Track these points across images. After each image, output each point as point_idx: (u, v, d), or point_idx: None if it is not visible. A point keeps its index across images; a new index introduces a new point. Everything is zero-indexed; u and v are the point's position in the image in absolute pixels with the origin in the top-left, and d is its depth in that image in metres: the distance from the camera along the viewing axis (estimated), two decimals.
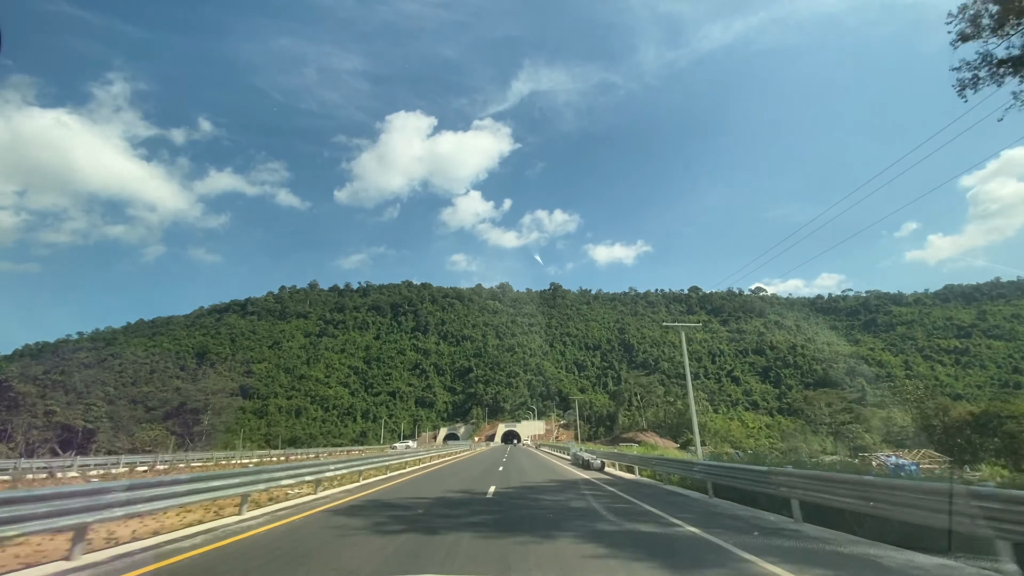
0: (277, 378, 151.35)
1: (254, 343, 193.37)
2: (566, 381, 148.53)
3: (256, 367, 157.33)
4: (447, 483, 18.31)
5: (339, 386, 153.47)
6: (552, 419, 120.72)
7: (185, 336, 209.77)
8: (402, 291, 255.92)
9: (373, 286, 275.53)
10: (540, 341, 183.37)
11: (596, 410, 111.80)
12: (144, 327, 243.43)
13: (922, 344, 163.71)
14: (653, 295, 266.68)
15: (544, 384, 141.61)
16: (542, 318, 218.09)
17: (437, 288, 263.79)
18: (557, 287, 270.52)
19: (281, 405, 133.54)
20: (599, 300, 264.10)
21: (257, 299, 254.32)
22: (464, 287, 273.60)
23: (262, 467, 12.40)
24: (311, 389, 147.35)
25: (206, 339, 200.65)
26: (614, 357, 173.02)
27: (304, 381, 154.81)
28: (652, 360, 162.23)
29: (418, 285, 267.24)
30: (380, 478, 20.62)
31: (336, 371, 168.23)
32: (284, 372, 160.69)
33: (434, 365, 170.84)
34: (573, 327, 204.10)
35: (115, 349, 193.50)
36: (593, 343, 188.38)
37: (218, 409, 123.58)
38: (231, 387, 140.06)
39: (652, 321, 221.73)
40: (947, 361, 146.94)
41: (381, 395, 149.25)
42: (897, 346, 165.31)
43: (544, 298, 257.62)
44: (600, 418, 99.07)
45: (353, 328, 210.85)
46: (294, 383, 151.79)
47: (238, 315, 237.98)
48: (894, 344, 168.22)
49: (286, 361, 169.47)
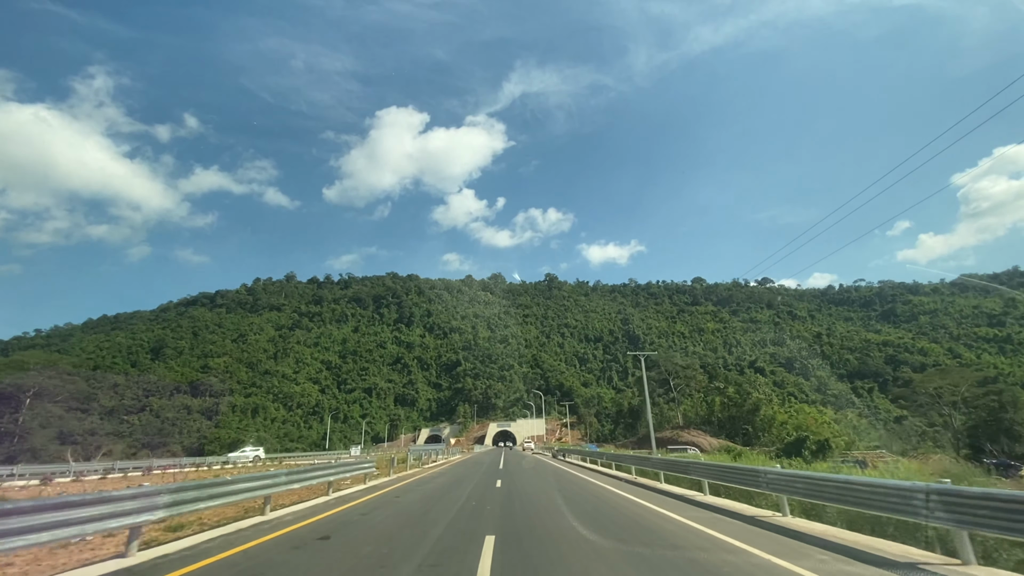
0: (237, 374, 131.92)
1: (218, 336, 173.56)
2: (567, 374, 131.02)
3: (214, 362, 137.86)
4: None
5: (308, 382, 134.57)
6: (553, 416, 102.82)
7: (144, 330, 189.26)
8: (386, 283, 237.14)
9: (355, 278, 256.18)
10: (536, 332, 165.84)
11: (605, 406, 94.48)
12: (106, 323, 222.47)
13: (957, 332, 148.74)
14: (655, 286, 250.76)
15: (543, 377, 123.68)
16: (538, 309, 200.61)
17: (424, 280, 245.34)
18: (553, 278, 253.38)
19: (236, 403, 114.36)
20: (597, 292, 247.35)
21: (228, 292, 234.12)
22: (454, 279, 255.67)
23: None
24: (275, 386, 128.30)
25: (165, 333, 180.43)
26: (618, 350, 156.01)
27: (268, 377, 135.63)
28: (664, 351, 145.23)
29: (404, 277, 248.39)
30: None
31: (307, 366, 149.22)
32: (247, 367, 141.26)
33: (418, 359, 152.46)
34: (571, 318, 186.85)
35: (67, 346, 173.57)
36: (594, 335, 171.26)
37: (157, 409, 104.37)
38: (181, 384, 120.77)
39: (657, 312, 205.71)
40: (991, 349, 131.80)
41: (355, 392, 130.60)
42: (929, 335, 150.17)
43: (539, 289, 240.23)
44: (618, 414, 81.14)
45: (330, 321, 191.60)
46: (256, 379, 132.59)
47: (206, 308, 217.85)
48: (924, 332, 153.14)
49: (250, 355, 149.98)
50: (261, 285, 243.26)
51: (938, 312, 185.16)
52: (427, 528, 8.76)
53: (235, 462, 45.84)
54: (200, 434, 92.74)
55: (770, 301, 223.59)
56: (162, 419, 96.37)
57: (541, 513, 10.51)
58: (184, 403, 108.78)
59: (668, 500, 13.17)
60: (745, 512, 10.56)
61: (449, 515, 10.23)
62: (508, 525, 8.98)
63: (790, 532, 8.44)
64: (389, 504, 12.37)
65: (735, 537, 8.02)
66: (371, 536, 8.11)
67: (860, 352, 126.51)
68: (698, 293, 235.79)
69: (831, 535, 7.96)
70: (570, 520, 9.59)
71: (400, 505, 12.16)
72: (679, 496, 13.86)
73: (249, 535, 8.31)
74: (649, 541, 7.74)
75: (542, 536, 7.97)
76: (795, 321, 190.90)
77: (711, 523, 9.45)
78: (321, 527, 8.99)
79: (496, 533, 8.11)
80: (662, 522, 9.68)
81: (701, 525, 9.18)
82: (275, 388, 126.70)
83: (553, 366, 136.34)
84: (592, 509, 11.39)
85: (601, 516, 10.32)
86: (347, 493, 15.10)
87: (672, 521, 9.74)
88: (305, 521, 9.66)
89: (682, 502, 12.74)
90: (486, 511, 10.78)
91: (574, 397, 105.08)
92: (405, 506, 11.95)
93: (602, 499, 13.47)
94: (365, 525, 9.20)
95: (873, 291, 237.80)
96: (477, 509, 11.14)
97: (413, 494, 15.10)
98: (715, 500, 12.63)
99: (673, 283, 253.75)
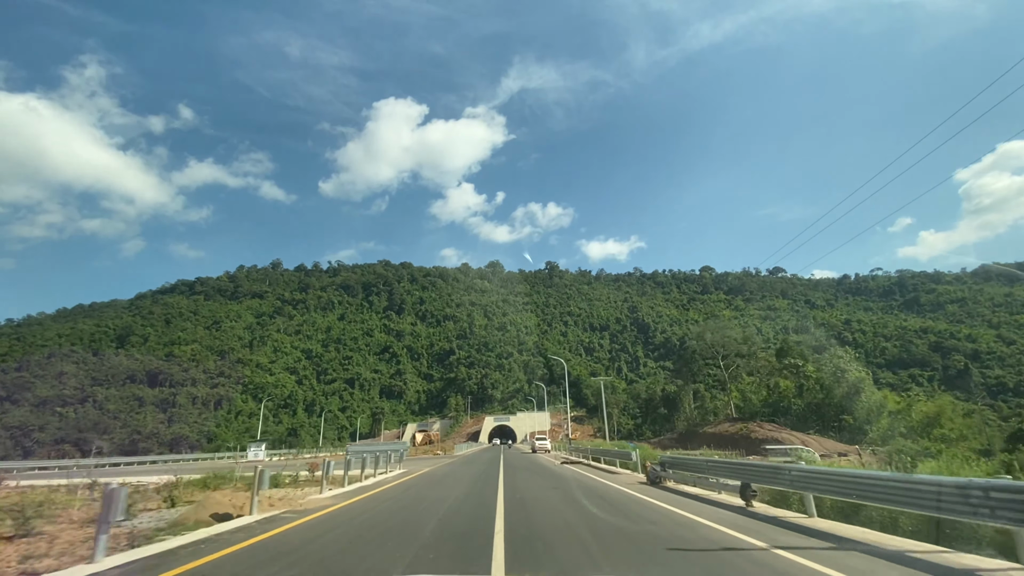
0: (204, 362, 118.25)
1: (192, 324, 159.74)
2: (574, 362, 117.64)
3: (180, 349, 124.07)
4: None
5: (283, 372, 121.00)
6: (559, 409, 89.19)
7: (113, 318, 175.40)
8: (377, 270, 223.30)
9: (345, 266, 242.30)
10: (537, 320, 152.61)
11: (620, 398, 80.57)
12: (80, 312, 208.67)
13: (996, 320, 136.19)
14: (661, 275, 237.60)
15: (546, 366, 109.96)
16: (538, 297, 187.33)
17: (418, 268, 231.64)
18: (554, 266, 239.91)
19: (196, 395, 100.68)
20: (601, 281, 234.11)
21: (208, 279, 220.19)
22: (449, 267, 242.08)
23: None
24: (246, 375, 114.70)
25: (135, 320, 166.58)
26: (626, 339, 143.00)
27: (240, 366, 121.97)
28: (677, 340, 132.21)
29: (397, 265, 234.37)
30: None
31: (286, 355, 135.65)
32: (217, 356, 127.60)
33: (408, 348, 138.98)
34: (574, 306, 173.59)
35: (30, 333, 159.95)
36: (600, 323, 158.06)
37: (101, 400, 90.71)
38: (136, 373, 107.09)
39: (666, 300, 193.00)
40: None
41: (336, 382, 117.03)
42: (966, 322, 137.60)
43: (540, 278, 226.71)
44: (647, 404, 66.79)
45: (315, 308, 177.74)
46: (225, 368, 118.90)
47: (184, 296, 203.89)
48: (961, 320, 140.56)
49: (223, 343, 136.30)
50: (245, 273, 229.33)
51: (966, 300, 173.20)
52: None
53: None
54: (133, 429, 79.12)
55: (784, 290, 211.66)
56: (103, 411, 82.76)
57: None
58: (136, 393, 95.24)
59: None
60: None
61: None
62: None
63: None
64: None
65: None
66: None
67: (899, 340, 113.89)
68: (707, 282, 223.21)
69: None
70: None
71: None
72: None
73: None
74: None
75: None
76: (814, 309, 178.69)
77: None
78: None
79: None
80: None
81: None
82: (246, 378, 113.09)
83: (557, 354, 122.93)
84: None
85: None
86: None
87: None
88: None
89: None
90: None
91: (582, 388, 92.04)
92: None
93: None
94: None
95: (892, 280, 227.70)
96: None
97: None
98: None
99: (680, 272, 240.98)
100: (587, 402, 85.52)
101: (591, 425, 74.00)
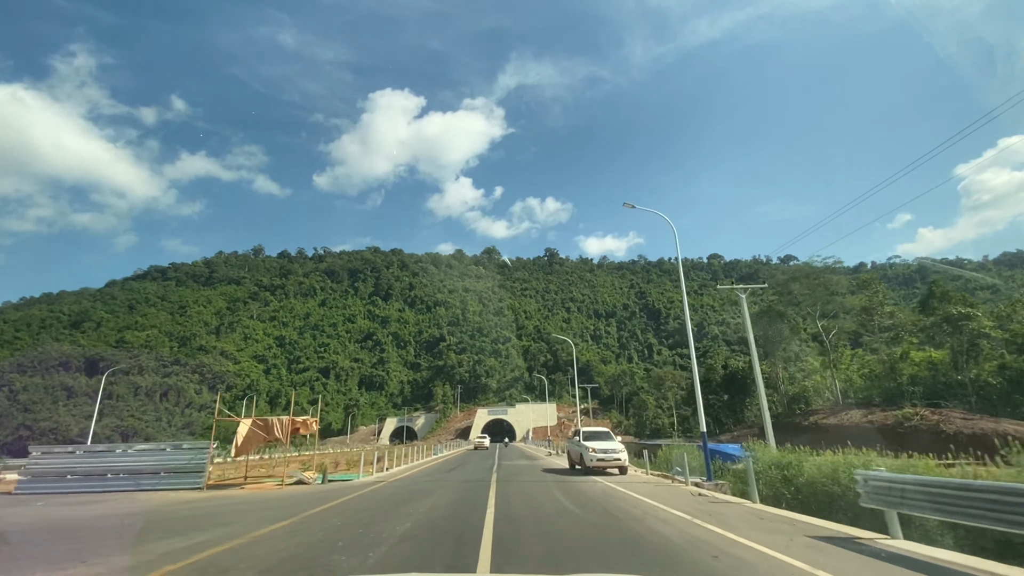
0: (159, 348, 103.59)
1: (159, 310, 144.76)
2: (582, 347, 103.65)
3: (133, 335, 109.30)
4: None
5: (250, 360, 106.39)
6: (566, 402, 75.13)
7: (72, 303, 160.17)
8: (365, 256, 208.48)
9: (331, 252, 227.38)
10: (538, 306, 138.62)
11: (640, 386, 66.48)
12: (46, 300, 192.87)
13: None
14: (668, 263, 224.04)
15: (550, 351, 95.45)
16: (538, 284, 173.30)
17: (409, 254, 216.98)
18: (553, 253, 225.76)
19: (140, 384, 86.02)
20: (603, 268, 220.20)
21: (183, 264, 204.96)
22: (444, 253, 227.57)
23: None
24: (204, 363, 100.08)
25: (95, 306, 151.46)
26: (635, 325, 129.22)
27: (202, 353, 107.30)
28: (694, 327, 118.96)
29: (387, 252, 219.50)
30: None
31: (256, 342, 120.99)
32: (177, 342, 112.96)
33: (393, 336, 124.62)
34: (577, 292, 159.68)
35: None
36: (606, 310, 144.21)
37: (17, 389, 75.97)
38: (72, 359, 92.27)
39: (675, 288, 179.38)
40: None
41: (309, 371, 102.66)
42: None
43: (539, 265, 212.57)
44: (691, 393, 53.23)
45: (295, 295, 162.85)
46: (182, 355, 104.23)
47: (156, 282, 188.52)
48: None
49: (186, 329, 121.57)
50: (223, 259, 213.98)
51: (998, 288, 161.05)
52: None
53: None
54: (21, 424, 64.53)
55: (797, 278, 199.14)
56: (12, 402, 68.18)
57: None
58: (65, 382, 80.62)
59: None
60: None
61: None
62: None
63: None
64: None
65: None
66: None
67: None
68: (717, 270, 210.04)
69: None
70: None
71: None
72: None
73: None
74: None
75: None
76: (836, 296, 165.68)
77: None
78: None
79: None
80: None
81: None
82: (204, 367, 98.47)
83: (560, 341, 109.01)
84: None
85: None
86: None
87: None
88: None
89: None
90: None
91: (593, 375, 78.35)
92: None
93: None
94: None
95: (911, 268, 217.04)
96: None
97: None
98: None
99: (687, 259, 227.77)
100: (599, 393, 71.99)
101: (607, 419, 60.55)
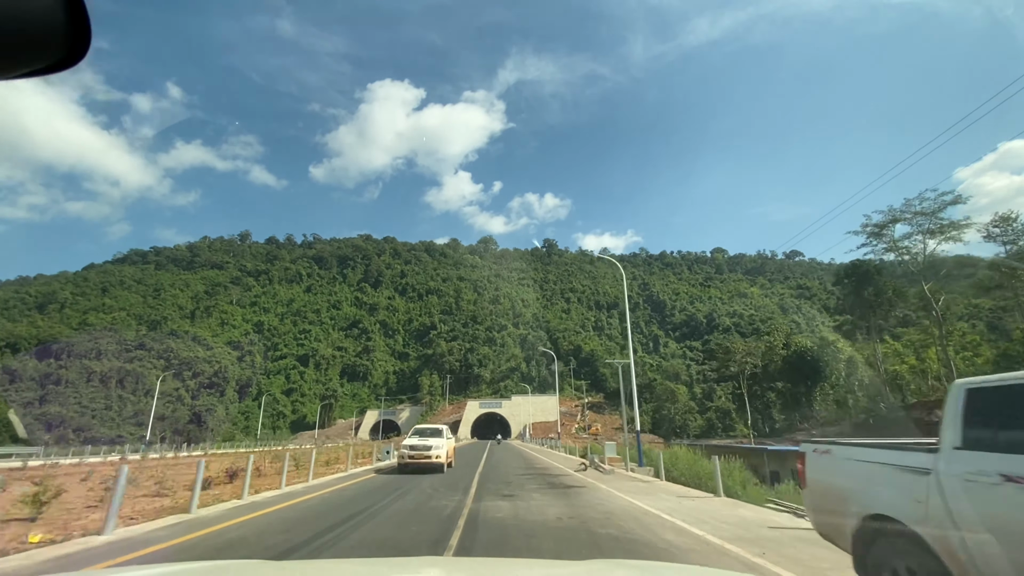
0: (123, 332, 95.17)
1: (132, 292, 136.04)
2: (583, 336, 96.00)
3: (96, 317, 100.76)
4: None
5: (223, 347, 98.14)
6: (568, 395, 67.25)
7: (42, 285, 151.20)
8: (356, 243, 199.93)
9: (321, 239, 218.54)
10: (536, 295, 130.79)
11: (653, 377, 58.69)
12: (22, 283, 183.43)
13: None
14: (670, 256, 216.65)
15: (550, 340, 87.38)
16: (536, 273, 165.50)
17: (402, 242, 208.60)
18: (552, 244, 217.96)
19: (95, 369, 77.65)
20: (604, 261, 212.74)
21: (164, 248, 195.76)
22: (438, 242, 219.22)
23: None
24: (171, 349, 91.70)
25: (65, 288, 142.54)
26: (639, 317, 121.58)
27: (173, 339, 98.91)
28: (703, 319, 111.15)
29: (379, 239, 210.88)
30: None
31: (233, 328, 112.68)
32: (147, 327, 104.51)
33: (381, 324, 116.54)
34: (577, 283, 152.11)
35: None
36: (607, 301, 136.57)
37: None
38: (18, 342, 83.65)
39: (678, 280, 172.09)
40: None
41: (286, 359, 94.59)
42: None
43: (537, 256, 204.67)
44: (764, 376, 43.72)
45: (279, 281, 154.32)
46: (151, 341, 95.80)
47: (136, 266, 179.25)
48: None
49: (158, 313, 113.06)
50: (208, 243, 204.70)
51: None
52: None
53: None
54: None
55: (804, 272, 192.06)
56: None
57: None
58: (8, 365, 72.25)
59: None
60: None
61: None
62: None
63: None
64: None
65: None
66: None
67: (977, 319, 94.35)
68: (721, 263, 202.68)
69: None
70: None
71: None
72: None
73: None
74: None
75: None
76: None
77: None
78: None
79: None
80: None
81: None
82: (172, 351, 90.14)
83: (561, 330, 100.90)
84: None
85: None
86: None
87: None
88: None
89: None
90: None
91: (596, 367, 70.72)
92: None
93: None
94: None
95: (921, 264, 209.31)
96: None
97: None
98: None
99: (691, 253, 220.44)
100: (605, 386, 64.43)
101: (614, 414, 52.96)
